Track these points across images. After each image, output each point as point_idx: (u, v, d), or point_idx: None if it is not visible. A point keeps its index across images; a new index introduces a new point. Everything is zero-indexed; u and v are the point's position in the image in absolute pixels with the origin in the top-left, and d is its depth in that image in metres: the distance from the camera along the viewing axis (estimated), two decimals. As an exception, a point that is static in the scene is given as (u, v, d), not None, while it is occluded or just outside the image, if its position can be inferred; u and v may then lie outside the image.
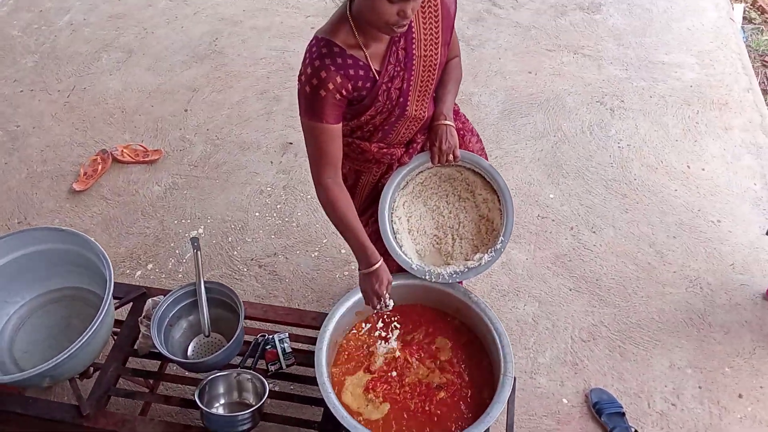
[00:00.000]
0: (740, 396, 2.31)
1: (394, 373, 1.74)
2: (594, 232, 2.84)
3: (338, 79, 1.46)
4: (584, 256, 2.75)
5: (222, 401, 1.81)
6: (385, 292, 1.71)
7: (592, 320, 2.54)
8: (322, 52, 1.46)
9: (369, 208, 1.88)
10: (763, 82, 3.77)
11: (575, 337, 2.49)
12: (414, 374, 1.75)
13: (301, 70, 1.51)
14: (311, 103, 1.49)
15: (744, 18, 4.27)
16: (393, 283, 1.76)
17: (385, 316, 1.86)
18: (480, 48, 3.77)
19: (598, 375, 2.39)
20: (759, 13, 4.34)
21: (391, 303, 1.73)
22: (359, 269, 1.71)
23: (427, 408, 1.67)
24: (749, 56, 3.77)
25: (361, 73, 1.50)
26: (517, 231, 2.83)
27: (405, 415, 1.66)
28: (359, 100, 1.54)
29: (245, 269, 2.75)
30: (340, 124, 1.56)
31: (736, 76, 3.55)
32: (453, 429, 1.63)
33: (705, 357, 2.42)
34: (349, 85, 1.49)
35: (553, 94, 3.47)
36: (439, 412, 1.66)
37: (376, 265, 1.68)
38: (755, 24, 4.26)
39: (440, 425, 1.64)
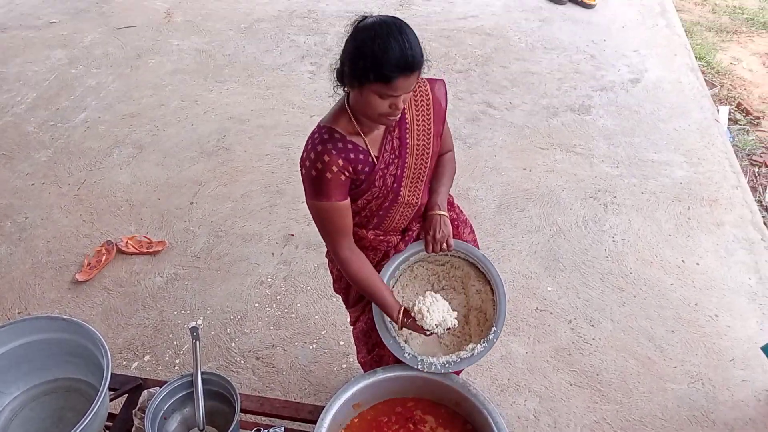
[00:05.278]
0: (751, 499, 2.23)
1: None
2: (592, 325, 2.84)
3: (340, 162, 1.55)
4: (584, 350, 2.74)
5: (214, 499, 1.75)
6: (425, 327, 1.72)
7: (594, 417, 2.50)
8: (324, 138, 1.57)
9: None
10: (752, 180, 3.89)
11: (577, 434, 2.44)
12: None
13: (303, 155, 1.60)
14: (318, 185, 1.57)
15: (730, 119, 4.47)
16: (389, 375, 1.77)
17: None
18: (476, 146, 3.93)
19: (603, 475, 2.31)
20: (744, 114, 4.55)
21: (441, 328, 1.74)
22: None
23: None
24: (737, 155, 3.92)
25: (361, 157, 1.59)
26: (515, 323, 2.84)
27: None
28: (358, 184, 1.63)
29: (242, 361, 2.74)
30: (348, 200, 1.63)
31: (724, 173, 3.68)
32: None
33: (711, 456, 2.36)
34: (350, 167, 1.58)
35: (547, 189, 3.59)
36: None
37: (398, 321, 1.74)
38: (741, 125, 4.46)
39: None
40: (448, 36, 5.07)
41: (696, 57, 4.89)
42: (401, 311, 1.74)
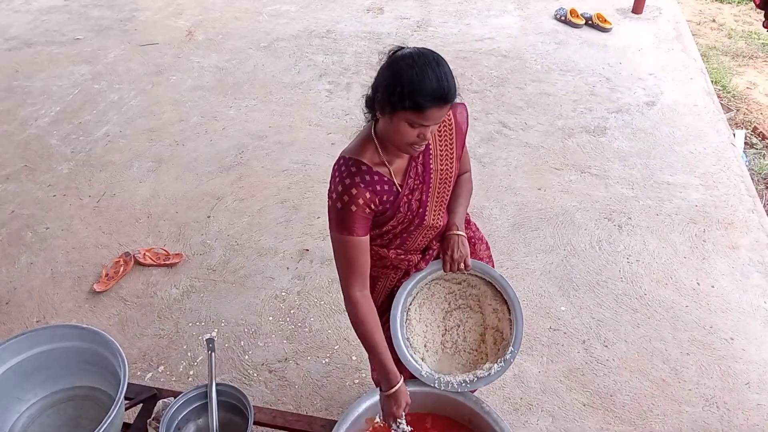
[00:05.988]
0: None
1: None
2: (606, 346, 2.83)
3: (367, 195, 1.58)
4: (597, 371, 2.72)
5: None
6: (402, 413, 1.74)
7: (607, 438, 2.48)
8: (351, 171, 1.59)
9: (385, 313, 1.92)
10: (768, 204, 3.87)
11: (590, 456, 2.42)
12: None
13: (330, 188, 1.63)
14: (342, 217, 1.60)
15: (746, 143, 4.46)
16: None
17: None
18: (491, 165, 3.95)
19: (615, 498, 2.29)
20: (760, 138, 4.54)
21: (407, 429, 1.76)
22: (380, 390, 1.76)
23: None
24: (752, 179, 3.91)
25: (386, 188, 1.62)
26: (529, 343, 2.83)
27: None
28: (383, 212, 1.66)
29: (255, 374, 2.75)
30: (368, 237, 1.66)
31: (740, 197, 3.66)
32: None
33: (727, 482, 2.33)
34: (377, 199, 1.61)
35: (561, 209, 3.59)
36: None
37: (395, 388, 1.72)
38: (757, 149, 4.45)
39: None
40: (465, 57, 5.13)
41: (712, 81, 4.90)
42: (402, 381, 1.74)
